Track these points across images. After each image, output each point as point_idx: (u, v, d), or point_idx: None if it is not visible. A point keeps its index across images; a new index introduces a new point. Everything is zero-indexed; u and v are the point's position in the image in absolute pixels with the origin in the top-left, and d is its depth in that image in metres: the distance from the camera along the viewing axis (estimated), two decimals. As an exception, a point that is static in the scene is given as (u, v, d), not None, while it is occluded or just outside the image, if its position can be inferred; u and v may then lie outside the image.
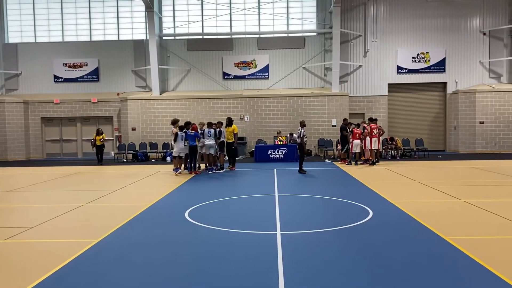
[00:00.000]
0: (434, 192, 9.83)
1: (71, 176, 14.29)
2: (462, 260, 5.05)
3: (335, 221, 7.05)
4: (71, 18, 23.50)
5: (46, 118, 23.06)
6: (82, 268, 5.02)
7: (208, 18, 23.09)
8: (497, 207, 7.89)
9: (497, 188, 10.35)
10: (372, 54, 22.52)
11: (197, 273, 4.79)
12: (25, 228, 6.93)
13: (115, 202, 9.32)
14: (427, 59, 22.38)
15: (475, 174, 13.05)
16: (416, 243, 5.79)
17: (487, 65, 22.29)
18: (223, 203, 9.09)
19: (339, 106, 21.48)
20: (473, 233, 6.24)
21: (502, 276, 4.48)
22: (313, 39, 22.79)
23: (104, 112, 22.87)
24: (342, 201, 8.92)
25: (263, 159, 18.48)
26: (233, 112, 21.59)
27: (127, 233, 6.57)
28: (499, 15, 22.04)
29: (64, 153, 23.21)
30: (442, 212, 7.63)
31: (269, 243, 5.83)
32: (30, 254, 5.62)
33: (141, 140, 21.56)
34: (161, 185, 11.81)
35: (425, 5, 22.19)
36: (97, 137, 18.54)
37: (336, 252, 5.45)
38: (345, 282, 4.44)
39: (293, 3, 22.95)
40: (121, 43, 23.24)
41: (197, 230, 6.68)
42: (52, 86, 23.43)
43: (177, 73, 23.22)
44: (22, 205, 9.39)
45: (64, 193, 10.87)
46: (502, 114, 21.15)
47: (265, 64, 22.78)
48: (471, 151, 21.19)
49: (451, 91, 22.41)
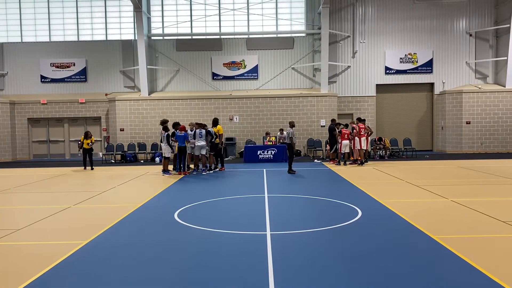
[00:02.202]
0: (422, 191, 9.93)
1: (59, 178, 14.13)
2: (449, 258, 5.10)
3: (324, 221, 7.09)
4: (58, 18, 23.25)
5: (32, 119, 22.79)
6: (70, 270, 4.96)
7: (197, 18, 23.03)
8: (484, 206, 8.00)
9: (483, 187, 10.49)
10: (361, 55, 22.68)
11: (186, 274, 4.78)
12: (11, 231, 6.83)
13: (104, 204, 9.24)
14: (415, 60, 22.61)
15: (462, 174, 13.21)
16: (405, 242, 5.84)
17: (473, 66, 22.59)
18: (212, 203, 9.07)
19: (328, 107, 21.59)
20: (460, 232, 6.32)
21: (489, 274, 4.54)
22: (302, 39, 22.87)
23: (92, 112, 22.66)
24: (332, 201, 8.96)
25: (253, 159, 18.49)
26: (223, 113, 21.58)
27: (116, 235, 6.52)
28: (485, 17, 22.36)
29: (52, 154, 22.95)
30: (430, 211, 7.71)
31: (259, 243, 5.83)
32: (16, 256, 5.54)
33: (130, 140, 21.42)
34: (150, 186, 11.74)
35: (412, 6, 22.43)
36: (85, 140, 16.63)
37: (326, 252, 5.47)
38: (336, 282, 4.46)
39: (282, 4, 23.01)
40: (109, 43, 23.06)
41: (186, 231, 6.65)
42: (39, 86, 23.16)
43: (166, 74, 23.12)
44: (8, 207, 9.25)
45: (51, 195, 10.74)
46: (488, 114, 21.45)
47: (254, 64, 22.80)
48: (458, 151, 21.46)
49: (438, 92, 22.68)
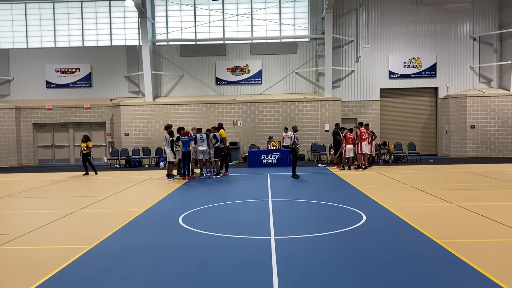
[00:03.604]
0: (427, 196, 9.90)
1: (64, 182, 14.19)
2: (454, 263, 5.08)
3: (329, 226, 7.08)
4: (63, 24, 23.45)
5: (38, 124, 22.93)
6: (75, 275, 4.98)
7: (201, 24, 23.15)
8: (489, 210, 7.97)
9: (488, 192, 10.45)
10: (364, 60, 22.69)
11: (190, 278, 4.79)
12: (17, 235, 6.86)
13: (109, 208, 9.27)
14: (419, 64, 22.59)
15: (467, 178, 13.16)
16: (409, 247, 5.82)
17: (477, 70, 22.55)
18: (216, 208, 9.08)
19: (332, 111, 21.59)
20: (465, 237, 6.29)
21: (494, 278, 4.52)
22: (305, 44, 22.92)
23: (96, 118, 22.78)
24: (336, 206, 8.95)
25: (256, 164, 18.49)
26: (226, 117, 21.63)
27: (120, 239, 6.54)
28: (488, 21, 22.33)
29: (56, 159, 23.06)
30: (434, 216, 7.68)
31: (263, 248, 5.83)
32: (22, 261, 5.56)
33: (134, 145, 21.50)
34: (155, 191, 11.78)
35: (416, 11, 22.44)
36: (81, 144, 16.29)
37: (330, 256, 5.47)
38: (340, 287, 4.45)
39: (286, 9, 23.09)
40: (114, 49, 23.21)
41: (191, 236, 6.66)
42: (44, 91, 23.32)
43: (170, 79, 23.22)
44: (14, 211, 9.31)
45: (56, 200, 10.79)
46: (492, 119, 21.38)
47: (258, 69, 22.86)
48: (463, 155, 21.37)
49: (442, 96, 22.63)
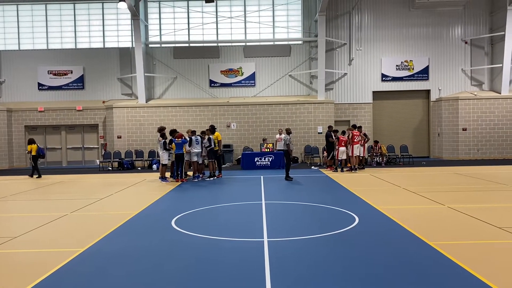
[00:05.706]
0: (419, 198, 9.96)
1: (56, 185, 14.10)
2: (446, 264, 5.12)
3: (322, 228, 7.10)
4: (56, 26, 23.32)
5: (30, 126, 22.76)
6: (67, 278, 4.95)
7: (195, 26, 23.14)
8: (480, 212, 8.03)
9: (480, 194, 10.53)
10: (357, 62, 22.81)
11: (183, 281, 4.78)
12: (8, 238, 6.81)
13: (101, 211, 9.22)
14: (411, 67, 22.75)
15: (459, 180, 13.26)
16: (401, 249, 5.85)
17: (469, 73, 22.76)
18: (209, 211, 9.06)
19: (325, 114, 21.66)
20: (457, 238, 6.34)
21: (485, 280, 4.55)
22: (298, 47, 23.00)
23: (89, 120, 22.66)
24: (329, 208, 8.97)
25: (250, 166, 18.49)
26: (220, 120, 21.62)
27: (113, 242, 6.51)
28: (480, 24, 22.56)
29: (49, 161, 22.88)
30: (426, 218, 7.73)
31: (256, 250, 5.83)
32: (13, 264, 5.53)
33: (127, 148, 21.41)
34: (148, 193, 11.73)
35: (408, 14, 22.61)
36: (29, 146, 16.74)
37: (323, 258, 5.48)
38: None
39: (279, 12, 23.16)
40: (107, 51, 23.13)
41: (183, 238, 6.65)
42: (36, 94, 23.17)
43: (163, 81, 23.17)
44: (5, 214, 9.21)
45: (48, 202, 10.72)
46: (484, 121, 21.57)
47: (251, 72, 22.89)
48: (455, 158, 21.53)
49: (434, 99, 22.80)
